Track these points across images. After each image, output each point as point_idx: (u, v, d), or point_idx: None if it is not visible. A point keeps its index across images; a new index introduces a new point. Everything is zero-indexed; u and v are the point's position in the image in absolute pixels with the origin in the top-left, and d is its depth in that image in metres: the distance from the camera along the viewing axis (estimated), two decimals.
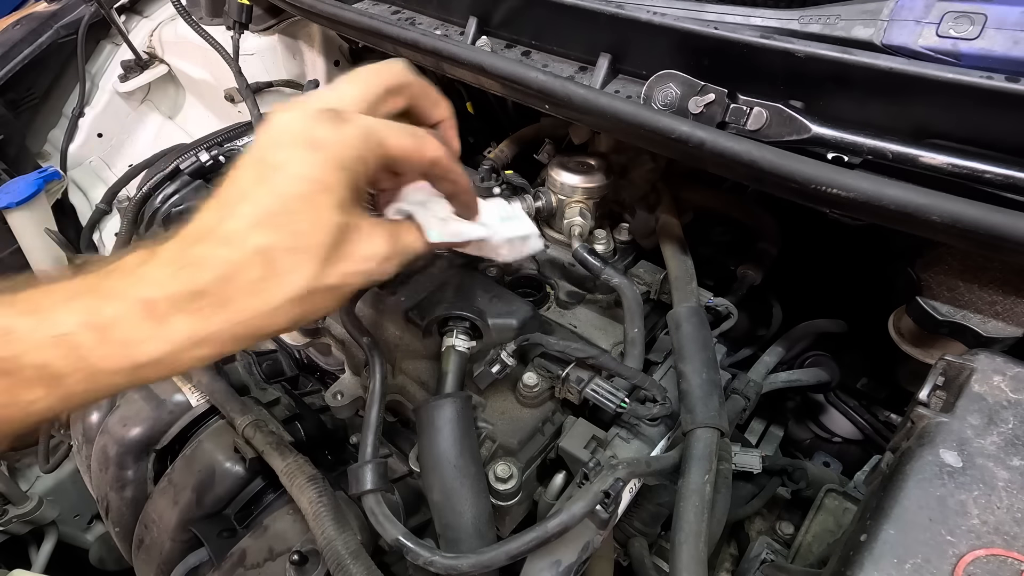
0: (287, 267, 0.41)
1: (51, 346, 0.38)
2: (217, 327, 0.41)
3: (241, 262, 0.40)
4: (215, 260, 0.40)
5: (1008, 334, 0.56)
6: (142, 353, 0.40)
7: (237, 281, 0.40)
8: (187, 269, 0.40)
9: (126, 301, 0.39)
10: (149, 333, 0.40)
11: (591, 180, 0.76)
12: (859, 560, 0.40)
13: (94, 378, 0.39)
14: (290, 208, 0.41)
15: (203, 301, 0.40)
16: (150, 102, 1.61)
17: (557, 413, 0.66)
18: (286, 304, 0.41)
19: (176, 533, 0.73)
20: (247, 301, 0.41)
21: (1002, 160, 0.45)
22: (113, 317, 0.39)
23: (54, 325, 0.38)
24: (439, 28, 0.81)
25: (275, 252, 0.41)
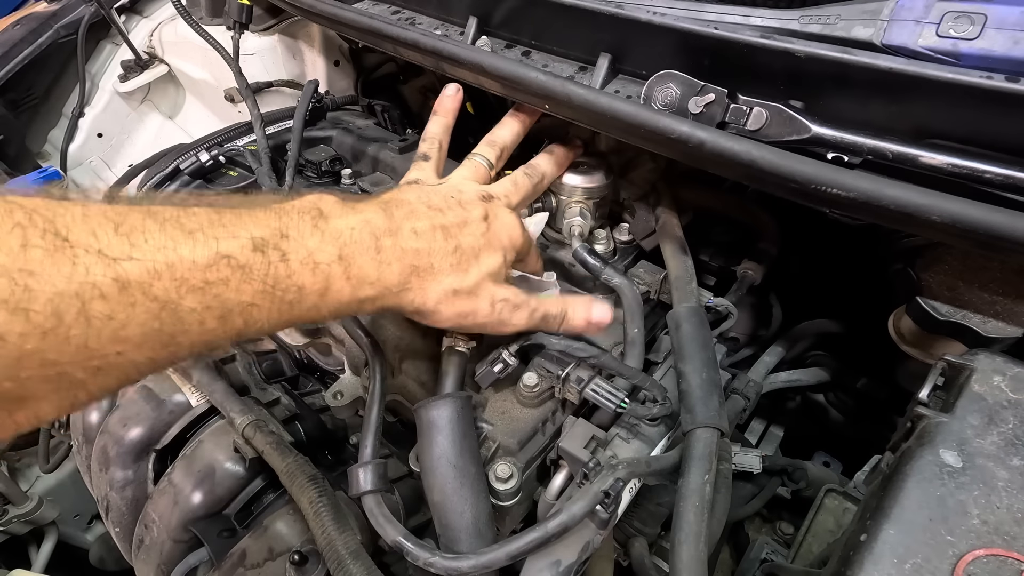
0: (464, 267, 0.53)
1: (309, 272, 0.44)
2: (412, 285, 0.50)
3: (445, 249, 0.52)
4: (425, 235, 0.51)
5: (1008, 334, 0.56)
6: (364, 290, 0.48)
7: (438, 259, 0.52)
8: (403, 231, 0.50)
9: (363, 239, 0.48)
10: (376, 275, 0.48)
11: (591, 180, 0.76)
12: (859, 560, 0.40)
13: (324, 306, 0.46)
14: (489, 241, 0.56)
15: (415, 261, 0.50)
16: (150, 102, 1.61)
17: (557, 413, 0.66)
18: (449, 292, 0.52)
19: (176, 533, 0.73)
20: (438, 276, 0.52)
21: (1002, 160, 0.45)
22: (354, 254, 0.47)
23: (313, 253, 0.45)
24: (439, 28, 0.81)
25: (465, 253, 0.53)
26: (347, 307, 0.48)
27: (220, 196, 0.48)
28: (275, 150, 1.02)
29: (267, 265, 0.42)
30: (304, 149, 1.04)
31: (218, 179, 1.05)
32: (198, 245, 0.39)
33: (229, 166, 1.06)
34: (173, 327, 0.38)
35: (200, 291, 0.38)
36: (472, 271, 0.54)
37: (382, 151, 1.00)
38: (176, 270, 0.37)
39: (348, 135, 1.08)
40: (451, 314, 0.53)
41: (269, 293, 0.42)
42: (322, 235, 0.46)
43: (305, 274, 0.44)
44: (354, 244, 0.47)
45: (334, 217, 0.48)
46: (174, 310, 0.37)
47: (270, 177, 0.95)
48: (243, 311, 0.41)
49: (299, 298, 0.44)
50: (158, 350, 0.38)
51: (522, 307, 0.57)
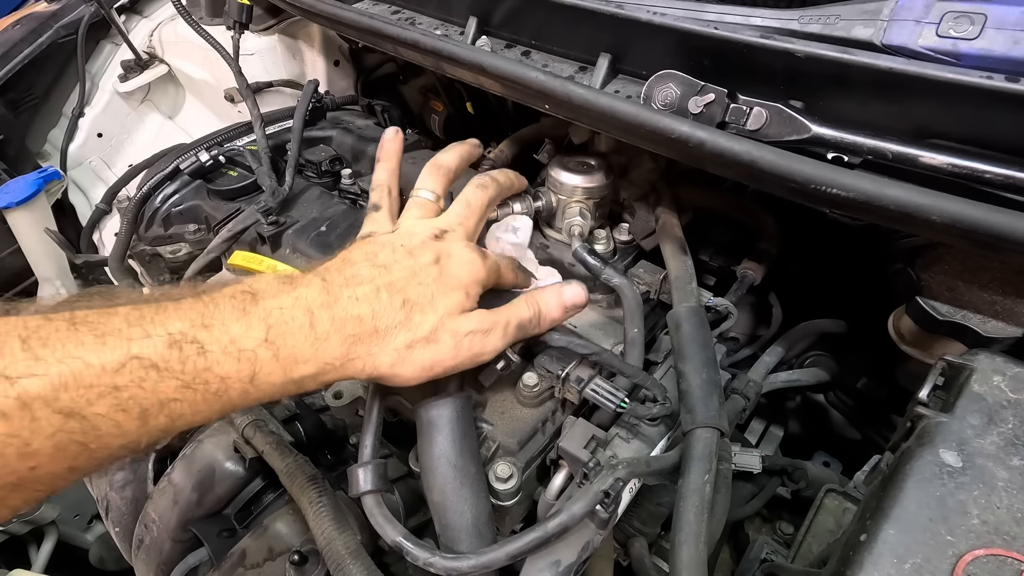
0: (416, 320, 0.51)
1: (233, 360, 0.43)
2: (357, 354, 0.48)
3: (390, 307, 0.50)
4: (368, 298, 0.49)
5: (1008, 334, 0.56)
6: (300, 369, 0.46)
7: (384, 320, 0.49)
8: (343, 299, 0.49)
9: (293, 317, 0.46)
10: (311, 352, 0.46)
11: (591, 180, 0.76)
12: (859, 560, 0.40)
13: (255, 392, 0.45)
14: (441, 287, 0.53)
15: (356, 329, 0.48)
16: (150, 102, 1.61)
17: (557, 413, 0.66)
18: (402, 348, 0.50)
19: (176, 533, 0.73)
20: (387, 337, 0.49)
21: (1002, 160, 0.45)
22: (283, 334, 0.45)
23: (236, 340, 0.43)
24: (439, 28, 0.81)
25: (414, 306, 0.51)
26: (285, 388, 0.46)
27: (159, 289, 0.47)
28: (275, 150, 1.02)
29: (183, 360, 0.41)
30: (304, 149, 1.04)
31: (218, 179, 1.05)
32: (107, 349, 0.38)
33: (229, 166, 1.06)
34: (84, 435, 0.37)
35: (110, 395, 0.38)
36: (427, 318, 0.51)
37: None
38: (83, 378, 0.37)
39: (348, 135, 1.08)
40: (414, 370, 0.51)
41: (190, 387, 0.41)
42: (248, 319, 0.44)
43: (228, 363, 0.42)
44: (283, 324, 0.45)
45: (266, 298, 0.46)
46: (83, 418, 0.37)
47: (270, 177, 0.95)
48: (163, 408, 0.40)
49: (224, 387, 0.43)
50: (73, 459, 0.37)
51: (493, 330, 0.54)
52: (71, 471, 0.38)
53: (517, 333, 0.57)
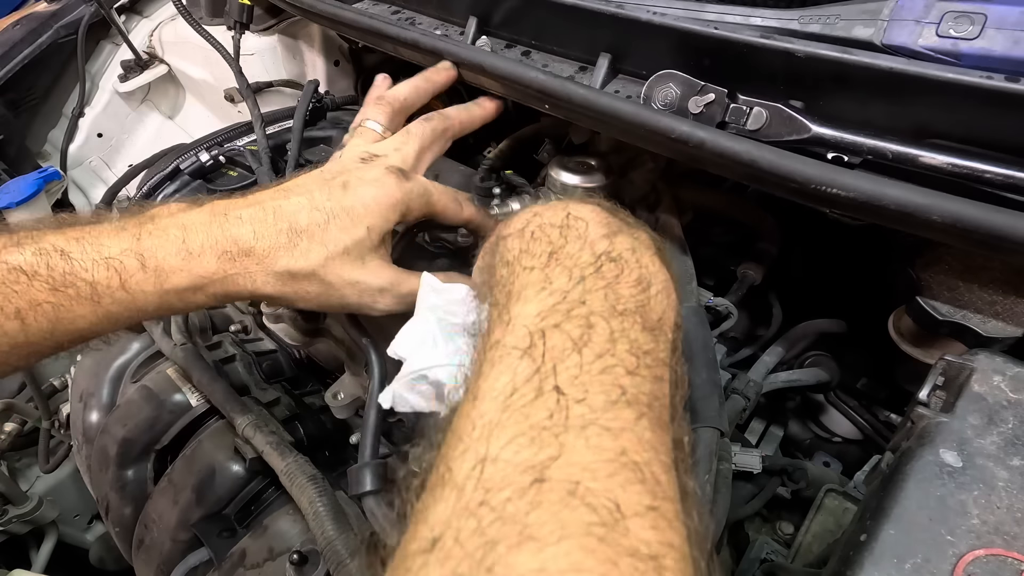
0: (302, 248, 0.50)
1: (101, 267, 0.46)
2: (235, 270, 0.49)
3: (274, 230, 0.50)
4: (254, 219, 0.50)
5: (1008, 334, 0.56)
6: (173, 279, 0.48)
7: (264, 241, 0.49)
8: (227, 219, 0.49)
9: (167, 233, 0.48)
10: (180, 263, 0.48)
11: (591, 180, 0.76)
12: (859, 560, 0.40)
13: (131, 299, 0.47)
14: (337, 215, 0.51)
15: (231, 247, 0.49)
16: (150, 102, 1.61)
17: None
18: (285, 274, 0.50)
19: (176, 533, 0.73)
20: (266, 260, 0.49)
21: (1002, 160, 0.45)
22: (152, 247, 0.47)
23: (103, 249, 0.46)
24: (439, 28, 0.81)
25: (302, 233, 0.50)
26: (166, 299, 0.48)
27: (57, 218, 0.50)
28: (275, 150, 1.02)
29: (50, 267, 0.45)
30: (304, 149, 1.04)
31: (218, 179, 1.05)
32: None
33: (229, 166, 1.06)
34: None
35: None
36: (313, 249, 0.50)
37: None
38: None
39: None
40: (302, 301, 0.52)
41: (59, 290, 0.45)
42: (120, 235, 0.48)
43: (95, 269, 0.46)
44: (153, 237, 0.48)
45: (146, 222, 0.49)
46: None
47: (270, 177, 0.95)
48: (38, 309, 0.44)
49: (95, 292, 0.46)
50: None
51: (386, 292, 0.54)
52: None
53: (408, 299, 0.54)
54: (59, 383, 1.31)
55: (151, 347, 0.90)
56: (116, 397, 0.89)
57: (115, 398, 0.89)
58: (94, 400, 0.89)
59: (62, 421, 1.24)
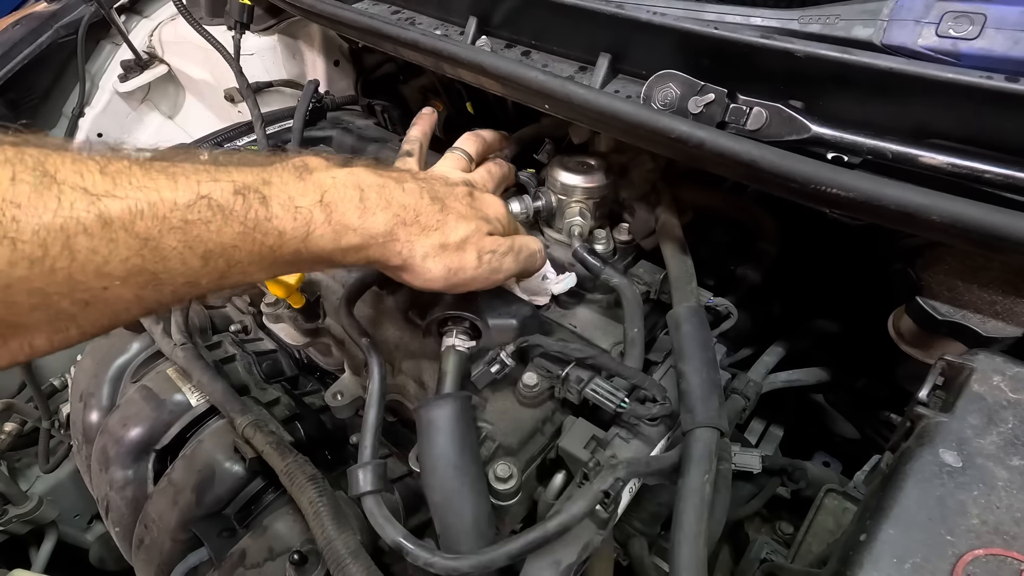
0: (452, 226, 0.55)
1: (291, 216, 0.45)
2: (399, 236, 0.52)
3: (432, 207, 0.54)
4: (414, 193, 0.53)
5: (1008, 334, 0.56)
6: (347, 237, 0.49)
7: (426, 215, 0.53)
8: (397, 185, 0.53)
9: (346, 189, 0.49)
10: (359, 222, 0.49)
11: (591, 180, 0.76)
12: (859, 560, 0.40)
13: (306, 251, 0.47)
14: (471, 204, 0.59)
15: (402, 213, 0.52)
16: (150, 102, 1.61)
17: (557, 413, 0.66)
18: (438, 246, 0.54)
19: (176, 533, 0.73)
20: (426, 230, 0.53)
21: (1002, 160, 0.45)
22: (336, 200, 0.48)
23: (296, 196, 0.46)
24: (439, 28, 0.81)
25: (451, 213, 0.55)
26: (331, 255, 0.49)
27: (213, 153, 0.50)
28: (275, 150, 1.02)
29: (247, 208, 0.43)
30: (304, 149, 1.04)
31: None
32: (180, 187, 0.41)
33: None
34: (155, 265, 0.39)
35: (180, 230, 0.40)
36: (460, 227, 0.55)
37: (382, 151, 1.00)
38: (158, 209, 0.39)
39: (348, 135, 1.08)
40: (440, 269, 0.54)
41: (249, 235, 0.43)
42: (305, 184, 0.48)
43: (286, 218, 0.45)
44: (336, 191, 0.49)
45: (319, 171, 0.50)
46: (155, 247, 0.39)
47: None
48: (224, 252, 0.43)
49: (280, 242, 0.45)
50: (142, 287, 0.40)
51: (509, 253, 0.59)
52: (138, 300, 0.40)
53: (526, 262, 0.62)
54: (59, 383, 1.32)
55: (151, 347, 0.90)
56: (116, 397, 0.89)
57: (115, 398, 0.89)
58: (94, 400, 0.89)
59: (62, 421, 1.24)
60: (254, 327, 0.97)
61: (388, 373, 0.68)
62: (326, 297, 0.78)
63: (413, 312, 0.70)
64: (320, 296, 0.79)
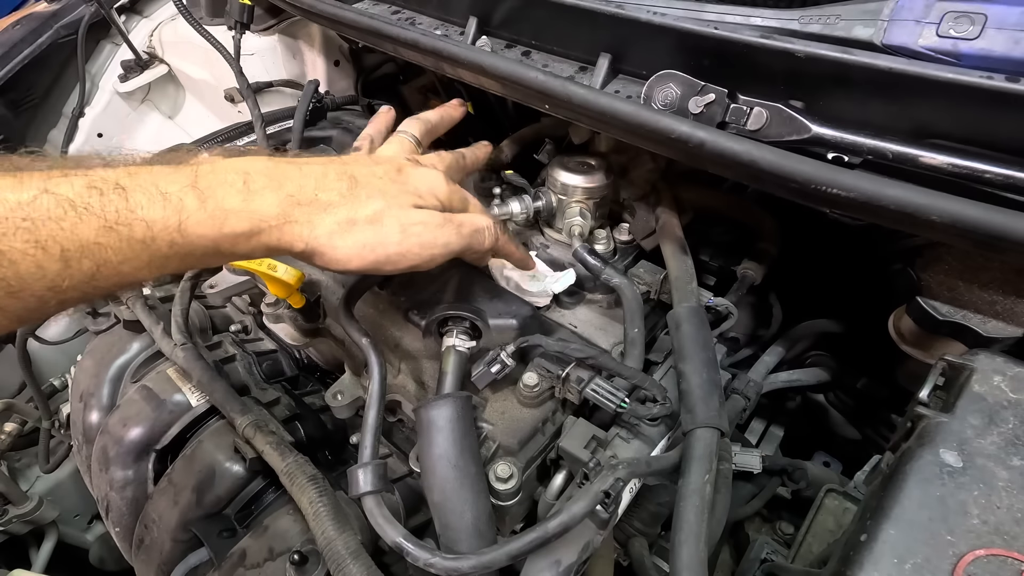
0: (362, 198, 0.51)
1: (158, 205, 0.42)
2: (296, 217, 0.48)
3: (337, 183, 0.50)
4: (315, 173, 0.50)
5: (1008, 334, 0.56)
6: (232, 223, 0.45)
7: (327, 192, 0.49)
8: (290, 166, 0.49)
9: (226, 173, 0.46)
10: (241, 204, 0.46)
11: (591, 180, 0.76)
12: (859, 560, 0.40)
13: (185, 243, 0.44)
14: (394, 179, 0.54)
15: (295, 192, 0.48)
16: (150, 102, 1.61)
17: (557, 413, 0.66)
18: (344, 221, 0.50)
19: (176, 533, 0.73)
20: (329, 207, 0.49)
21: (1002, 160, 0.45)
22: (212, 185, 0.45)
23: (160, 185, 0.43)
24: (439, 28, 0.81)
25: (363, 186, 0.51)
26: (218, 245, 0.46)
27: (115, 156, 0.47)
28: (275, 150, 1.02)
29: (104, 201, 0.40)
30: (304, 149, 1.04)
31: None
32: (22, 187, 0.38)
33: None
34: (4, 270, 0.37)
35: (25, 230, 0.38)
36: (373, 201, 0.51)
37: None
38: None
39: (348, 135, 1.07)
40: (352, 246, 0.50)
41: (113, 230, 0.41)
42: (178, 172, 0.44)
43: (152, 207, 0.42)
44: (213, 176, 0.45)
45: (201, 162, 0.47)
46: (3, 253, 0.37)
47: None
48: (87, 250, 0.40)
49: (150, 234, 0.42)
50: (4, 299, 0.38)
51: (445, 225, 0.54)
52: (4, 312, 0.38)
53: (472, 238, 0.57)
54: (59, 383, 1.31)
55: (151, 347, 0.90)
56: (116, 397, 0.89)
57: (115, 398, 0.89)
58: (94, 400, 0.89)
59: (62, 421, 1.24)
60: (254, 327, 0.97)
61: (388, 373, 0.68)
62: (326, 297, 0.78)
63: (413, 312, 0.70)
64: (320, 296, 0.79)
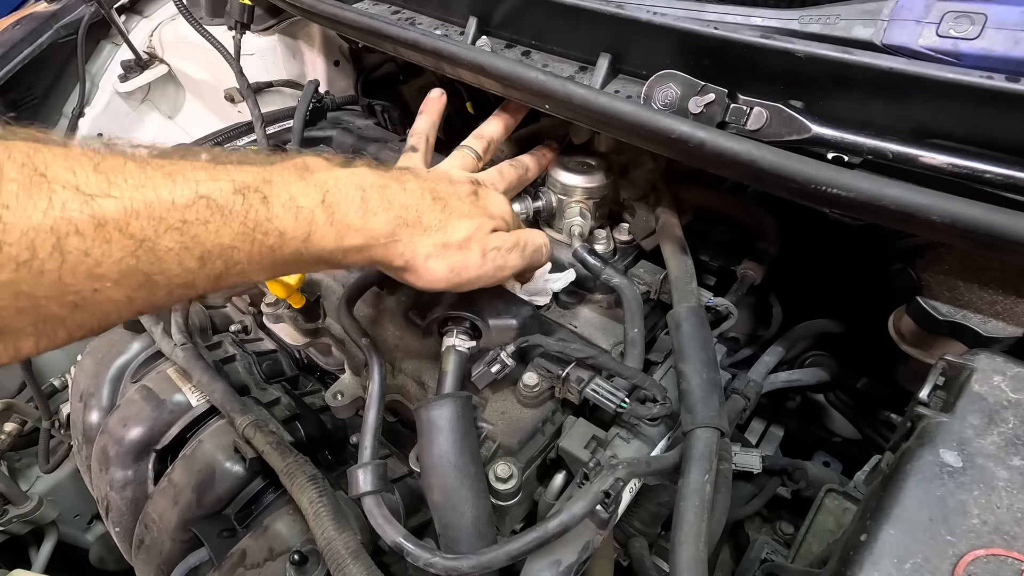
0: (455, 225, 0.54)
1: (291, 217, 0.45)
2: (401, 236, 0.51)
3: (434, 207, 0.54)
4: (416, 193, 0.53)
5: (1008, 334, 0.56)
6: (349, 237, 0.48)
7: (429, 215, 0.53)
8: (399, 185, 0.52)
9: (348, 189, 0.49)
10: (361, 222, 0.49)
11: (591, 180, 0.76)
12: (859, 560, 0.40)
13: (307, 252, 0.46)
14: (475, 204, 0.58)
15: (403, 213, 0.51)
16: (150, 102, 1.61)
17: (557, 413, 0.66)
18: (440, 245, 0.53)
19: (176, 533, 0.73)
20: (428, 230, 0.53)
21: (1002, 160, 0.45)
22: (338, 201, 0.48)
23: (297, 196, 0.45)
24: (439, 28, 0.81)
25: (453, 213, 0.55)
26: (332, 256, 0.49)
27: (212, 151, 0.49)
28: (275, 150, 1.02)
29: (247, 207, 0.42)
30: (304, 149, 1.04)
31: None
32: (178, 186, 0.39)
33: None
34: (150, 266, 0.38)
35: (178, 231, 0.39)
36: (462, 227, 0.55)
37: (382, 151, 1.00)
38: (154, 209, 0.38)
39: (348, 135, 1.08)
40: (443, 269, 0.54)
41: (249, 235, 0.42)
42: (306, 184, 0.47)
43: (287, 218, 0.45)
44: (338, 191, 0.48)
45: (320, 171, 0.49)
46: (151, 248, 0.38)
47: None
48: (223, 253, 0.42)
49: (280, 243, 0.45)
50: (135, 289, 0.39)
51: (514, 249, 0.59)
52: (129, 301, 0.39)
53: (532, 257, 0.62)
54: (59, 383, 1.31)
55: (151, 347, 0.90)
56: (116, 397, 0.89)
57: (115, 398, 0.89)
58: (94, 400, 0.89)
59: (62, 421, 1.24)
60: (254, 327, 0.97)
61: (388, 373, 0.68)
62: (326, 297, 0.78)
63: (413, 312, 0.70)
64: (320, 296, 0.79)
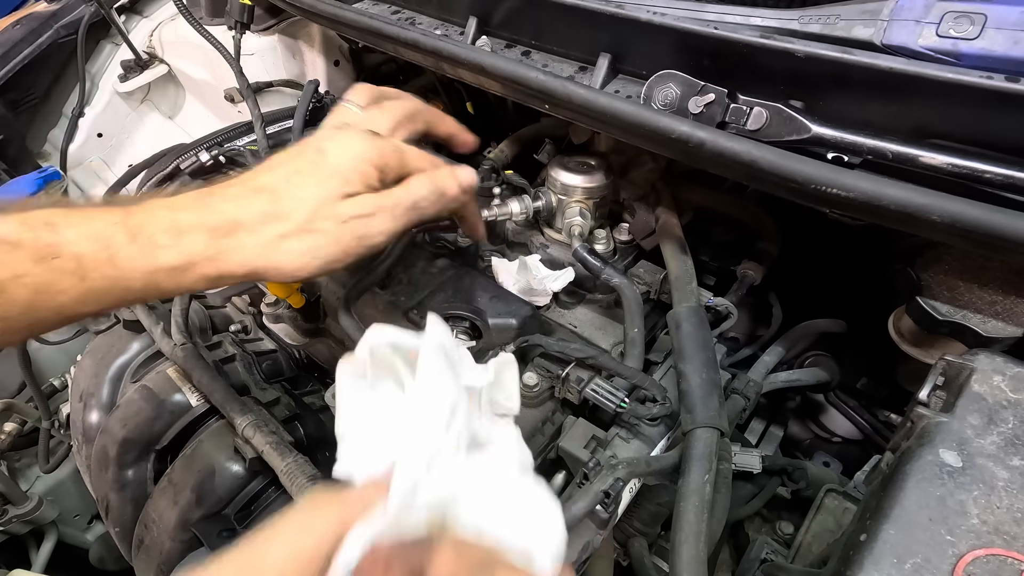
0: (285, 209, 0.50)
1: (89, 240, 0.45)
2: (226, 247, 0.49)
3: (258, 202, 0.50)
4: (237, 196, 0.51)
5: (1008, 334, 0.56)
6: (164, 256, 0.47)
7: (250, 214, 0.50)
8: (213, 197, 0.50)
9: (155, 212, 0.48)
10: (171, 240, 0.47)
11: (591, 180, 0.76)
12: (859, 560, 0.40)
13: (119, 275, 0.46)
14: (315, 175, 0.52)
15: (219, 222, 0.49)
16: (150, 102, 1.61)
17: (557, 413, 0.66)
18: (275, 239, 0.50)
19: (176, 533, 0.73)
20: (255, 229, 0.49)
21: (1002, 160, 0.45)
22: (142, 223, 0.47)
23: (91, 222, 0.45)
24: (439, 28, 0.81)
25: (283, 197, 0.50)
26: (154, 277, 0.47)
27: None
28: (275, 150, 1.02)
29: (35, 238, 0.43)
30: None
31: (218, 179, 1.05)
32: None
33: (229, 166, 1.06)
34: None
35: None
36: (300, 207, 0.50)
37: None
38: None
39: None
40: (293, 259, 0.50)
41: (42, 262, 0.43)
42: (108, 211, 0.47)
43: (81, 242, 0.44)
44: (142, 215, 0.47)
45: (131, 201, 0.49)
46: None
47: None
48: (18, 281, 0.43)
49: (81, 267, 0.44)
50: None
51: (377, 213, 0.52)
52: None
53: (411, 214, 0.54)
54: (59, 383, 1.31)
55: (151, 347, 0.90)
56: (116, 397, 0.89)
57: (115, 398, 0.89)
58: (94, 400, 0.89)
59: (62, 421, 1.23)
60: (254, 327, 0.97)
61: None
62: (326, 297, 0.78)
63: (414, 312, 0.70)
64: (320, 296, 0.79)
